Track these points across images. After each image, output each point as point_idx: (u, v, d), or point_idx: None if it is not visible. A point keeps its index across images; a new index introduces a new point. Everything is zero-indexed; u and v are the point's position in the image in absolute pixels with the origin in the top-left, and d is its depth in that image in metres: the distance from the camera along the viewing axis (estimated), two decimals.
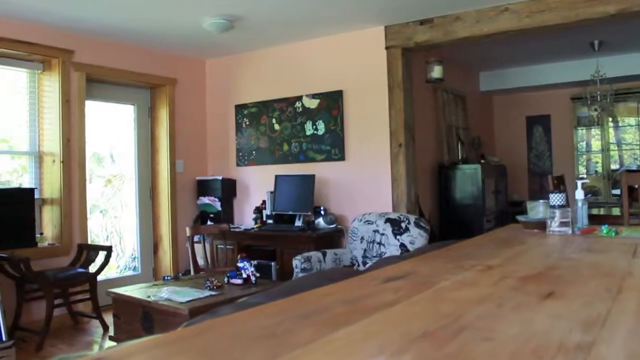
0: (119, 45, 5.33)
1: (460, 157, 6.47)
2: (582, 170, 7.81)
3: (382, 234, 4.61)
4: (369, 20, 4.84)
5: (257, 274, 4.09)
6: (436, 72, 5.38)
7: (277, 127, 5.73)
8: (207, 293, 3.70)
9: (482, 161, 6.55)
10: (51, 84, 4.87)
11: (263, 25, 4.92)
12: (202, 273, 4.82)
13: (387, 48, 4.92)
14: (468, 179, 6.09)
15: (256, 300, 1.19)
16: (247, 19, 4.69)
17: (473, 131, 7.27)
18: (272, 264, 5.15)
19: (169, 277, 4.35)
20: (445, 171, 6.19)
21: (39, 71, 4.88)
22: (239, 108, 6.03)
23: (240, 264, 4.10)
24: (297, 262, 4.48)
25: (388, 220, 4.63)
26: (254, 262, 4.22)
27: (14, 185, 4.83)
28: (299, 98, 5.55)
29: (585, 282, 1.19)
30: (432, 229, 5.10)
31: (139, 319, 3.71)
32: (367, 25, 4.99)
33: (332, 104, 5.32)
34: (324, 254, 4.64)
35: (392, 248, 4.53)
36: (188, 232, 5.05)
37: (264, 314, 0.92)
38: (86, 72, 5.05)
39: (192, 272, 4.99)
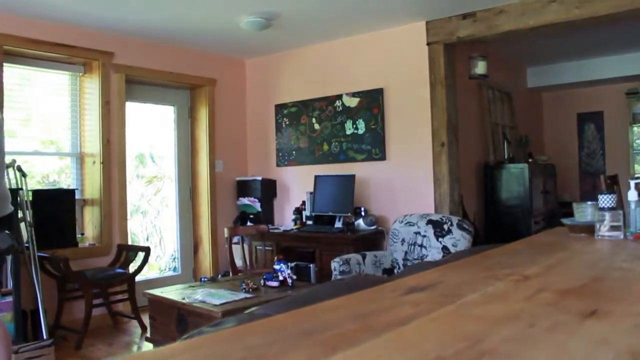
0: (158, 47, 5.35)
1: (506, 156, 6.23)
2: (638, 169, 7.42)
3: (424, 236, 4.46)
4: (409, 15, 4.69)
5: (294, 277, 4.01)
6: (480, 67, 5.17)
7: (317, 126, 5.64)
8: (242, 295, 3.64)
9: (530, 160, 6.29)
10: (92, 85, 4.92)
11: (301, 23, 4.84)
12: (240, 275, 4.78)
13: (428, 44, 4.76)
14: (515, 179, 5.85)
15: (264, 311, 1.10)
16: (284, 17, 4.62)
17: (520, 129, 7.00)
18: (311, 265, 5.06)
19: (205, 279, 4.32)
20: (490, 171, 5.97)
21: (80, 74, 4.94)
22: (279, 108, 5.97)
23: (276, 266, 4.02)
24: (335, 264, 4.38)
25: (430, 221, 4.47)
26: (291, 264, 4.14)
27: (62, 186, 4.90)
28: (339, 97, 5.44)
29: (636, 298, 1.05)
30: (476, 230, 4.91)
31: (174, 320, 3.68)
32: (408, 21, 4.84)
33: (372, 102, 5.20)
34: (364, 257, 4.52)
35: (433, 251, 4.38)
36: (226, 233, 5.02)
37: (259, 331, 0.82)
38: (126, 74, 5.08)
39: (231, 274, 4.95)
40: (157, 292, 3.87)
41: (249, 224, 5.84)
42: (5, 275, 3.92)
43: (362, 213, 5.11)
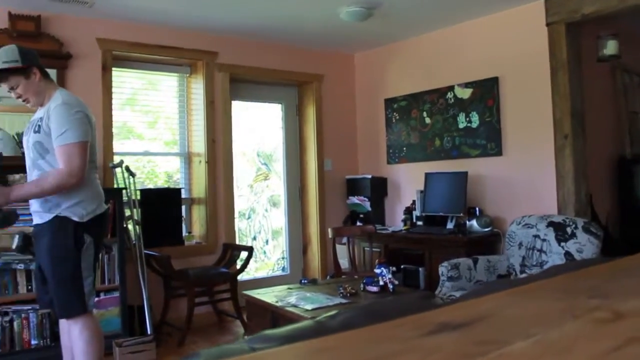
0: (261, 44, 5.30)
1: None
2: None
3: (544, 240, 3.98)
4: None
5: (396, 282, 3.74)
6: (610, 48, 4.51)
7: (428, 120, 5.29)
8: (337, 301, 3.45)
9: None
10: (197, 86, 4.98)
11: (405, 11, 4.53)
12: (343, 277, 4.59)
13: (548, 24, 4.23)
14: None
15: (253, 344, 0.87)
16: (386, 5, 4.34)
17: None
18: (420, 269, 4.75)
19: (306, 281, 4.17)
20: (627, 166, 5.22)
21: (187, 75, 5.02)
22: (389, 102, 5.69)
23: (377, 270, 3.78)
24: (443, 269, 4.04)
25: (551, 223, 3.98)
26: (393, 268, 3.87)
27: (174, 185, 5.01)
28: (451, 88, 5.05)
29: None
30: (608, 235, 4.31)
31: (267, 323, 3.57)
32: (524, 1, 4.35)
33: (486, 93, 4.75)
34: (475, 261, 4.12)
35: (554, 257, 3.88)
36: (330, 233, 4.85)
37: None
38: (230, 73, 5.08)
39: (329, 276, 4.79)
40: (253, 293, 3.79)
41: (358, 224, 5.63)
42: (113, 271, 4.05)
43: (477, 213, 4.69)
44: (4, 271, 3.70)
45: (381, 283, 3.69)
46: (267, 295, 3.67)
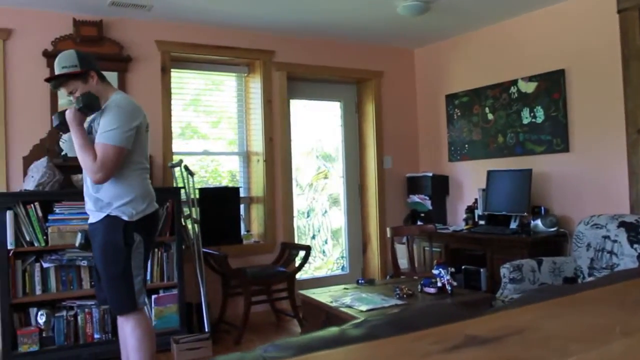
0: (318, 42, 5.26)
1: None
2: None
3: (614, 241, 3.74)
4: None
5: (454, 283, 3.62)
6: None
7: (490, 116, 5.10)
8: (393, 302, 3.37)
9: None
10: (255, 85, 5.00)
11: (463, 3, 4.37)
12: (402, 277, 4.49)
13: (619, 11, 3.97)
14: None
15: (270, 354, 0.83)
16: None
17: None
18: (482, 270, 4.58)
19: (362, 281, 4.10)
20: None
21: (245, 74, 5.05)
22: (450, 98, 5.53)
23: (435, 271, 3.67)
24: (505, 270, 3.87)
25: (622, 224, 3.74)
26: (452, 269, 3.74)
27: (234, 184, 5.06)
28: (514, 82, 4.84)
29: None
30: None
31: (322, 322, 3.53)
32: None
33: (552, 86, 4.52)
34: (540, 263, 3.93)
35: (626, 259, 3.64)
36: (389, 233, 4.76)
37: None
38: (287, 71, 5.08)
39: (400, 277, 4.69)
40: (309, 292, 3.76)
41: (419, 223, 5.51)
42: (171, 268, 4.12)
43: (542, 213, 4.48)
44: (69, 267, 3.84)
45: (439, 284, 3.58)
46: (323, 295, 3.63)
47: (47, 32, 4.08)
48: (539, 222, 4.40)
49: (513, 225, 4.53)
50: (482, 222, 4.90)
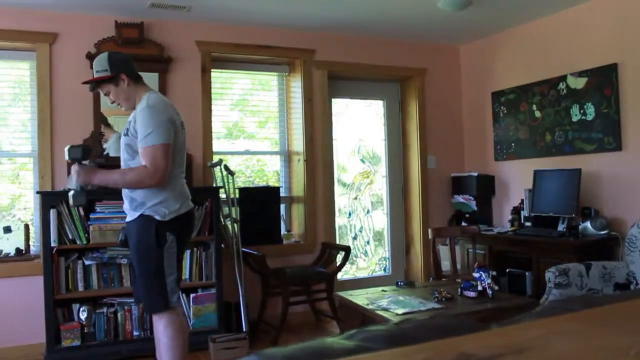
0: (359, 39, 5.18)
1: None
2: None
3: None
4: None
5: (496, 287, 3.51)
6: None
7: (537, 114, 4.91)
8: (431, 305, 3.29)
9: None
10: (296, 84, 4.98)
11: None
12: (444, 280, 4.39)
13: None
14: None
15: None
16: None
17: None
18: (527, 274, 4.42)
19: (402, 283, 4.02)
20: None
21: (286, 73, 5.03)
22: (496, 95, 5.36)
23: (475, 274, 3.57)
24: (550, 275, 3.71)
25: None
26: (493, 273, 3.62)
27: (276, 184, 5.05)
28: (563, 78, 4.65)
29: None
30: None
31: (358, 325, 3.47)
32: None
33: (603, 81, 4.31)
34: (588, 267, 3.75)
35: None
36: (430, 234, 4.65)
37: None
38: (328, 70, 5.03)
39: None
40: (346, 294, 3.72)
41: (463, 224, 5.37)
42: (210, 268, 4.15)
43: (591, 215, 4.28)
44: (110, 265, 3.91)
45: (479, 288, 3.48)
46: (359, 297, 3.58)
47: (90, 35, 4.17)
48: (588, 224, 4.21)
49: (561, 227, 4.35)
50: (528, 224, 4.73)
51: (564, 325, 0.82)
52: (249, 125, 5.01)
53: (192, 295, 4.04)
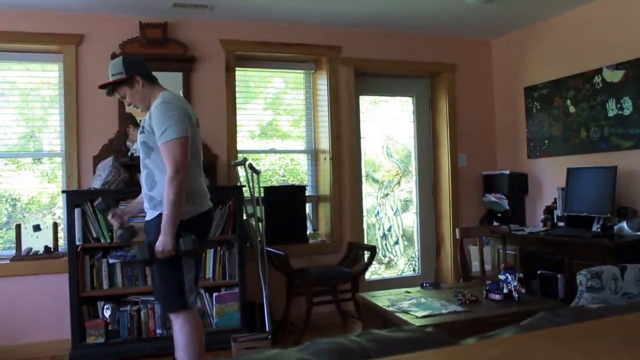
0: (386, 35, 5.08)
1: None
2: None
3: None
4: None
5: (523, 290, 3.40)
6: None
7: (572, 109, 4.73)
8: (452, 308, 3.19)
9: None
10: (322, 82, 4.93)
11: None
12: (472, 281, 4.27)
13: None
14: None
15: None
16: None
17: None
18: (559, 276, 4.26)
19: (427, 284, 3.93)
20: None
21: (312, 71, 4.99)
22: (529, 91, 5.19)
23: (501, 276, 3.45)
24: (581, 277, 3.55)
25: None
26: (520, 274, 3.49)
27: (302, 182, 5.02)
28: (598, 71, 4.46)
29: None
30: None
31: (379, 326, 3.40)
32: None
33: None
34: (623, 270, 3.57)
35: None
36: (458, 234, 4.53)
37: None
38: (355, 67, 4.96)
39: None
40: (367, 295, 3.64)
41: (495, 223, 5.22)
42: (233, 267, 4.14)
43: (628, 214, 4.09)
44: (134, 263, 3.94)
45: (505, 290, 3.36)
46: (381, 299, 3.51)
47: (115, 36, 4.21)
48: (624, 224, 4.02)
49: (595, 227, 4.18)
50: (561, 224, 4.56)
51: (526, 345, 0.75)
52: (282, 124, 4.99)
53: (215, 294, 4.04)
